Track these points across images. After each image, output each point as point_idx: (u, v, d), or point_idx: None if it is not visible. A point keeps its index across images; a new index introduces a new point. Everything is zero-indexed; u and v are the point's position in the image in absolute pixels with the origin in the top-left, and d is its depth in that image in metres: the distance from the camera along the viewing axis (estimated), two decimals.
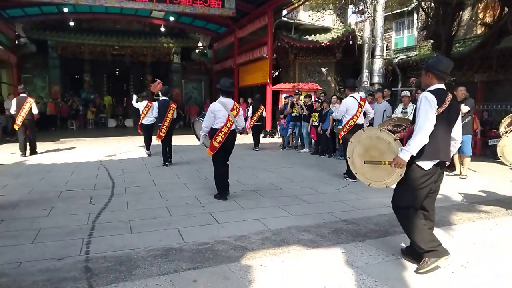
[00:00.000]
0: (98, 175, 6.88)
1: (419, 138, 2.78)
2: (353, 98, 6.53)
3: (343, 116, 6.60)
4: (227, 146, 5.18)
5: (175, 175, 6.91)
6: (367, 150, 3.18)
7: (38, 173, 7.01)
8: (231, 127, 5.10)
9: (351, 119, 6.45)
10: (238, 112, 5.20)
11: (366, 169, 3.20)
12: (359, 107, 6.47)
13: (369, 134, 3.22)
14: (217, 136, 5.04)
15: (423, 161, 2.86)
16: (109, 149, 10.55)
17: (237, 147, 5.82)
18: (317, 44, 15.06)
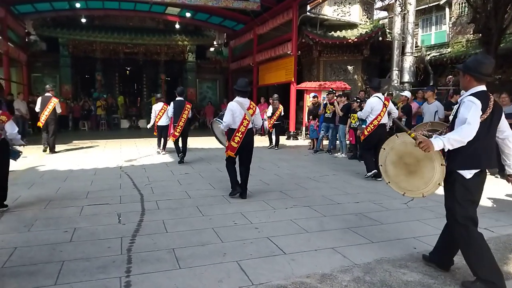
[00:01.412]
0: (122, 184, 6.04)
1: (459, 136, 2.56)
2: (378, 98, 6.50)
3: (367, 116, 6.59)
4: (246, 145, 5.17)
5: (209, 185, 6.06)
6: (401, 157, 3.02)
7: (54, 181, 6.19)
8: (247, 126, 5.12)
9: (375, 119, 6.43)
10: (255, 111, 5.23)
11: (401, 177, 3.03)
12: (384, 107, 6.45)
13: (403, 140, 3.00)
14: (235, 136, 5.08)
15: (464, 170, 2.67)
16: (128, 153, 9.75)
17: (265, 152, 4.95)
18: (344, 40, 14.14)
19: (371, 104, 6.50)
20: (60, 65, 18.89)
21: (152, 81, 22.09)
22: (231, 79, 20.93)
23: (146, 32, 19.84)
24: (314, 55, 14.95)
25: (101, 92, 19.68)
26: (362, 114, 6.78)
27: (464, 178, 2.66)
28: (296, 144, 12.70)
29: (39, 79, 19.51)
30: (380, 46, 14.93)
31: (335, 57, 15.16)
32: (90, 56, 19.70)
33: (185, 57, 21.01)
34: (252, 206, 4.77)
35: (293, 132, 14.03)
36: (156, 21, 20.64)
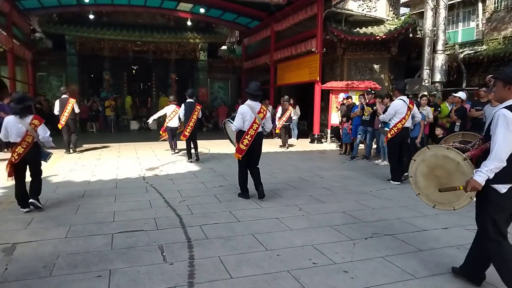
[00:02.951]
0: (151, 201, 5.13)
1: (497, 161, 2.46)
2: (402, 100, 6.42)
3: (390, 119, 6.51)
4: (254, 148, 5.23)
5: (254, 202, 5.14)
6: (432, 169, 3.02)
7: (71, 200, 5.29)
8: (257, 129, 5.17)
9: (399, 122, 6.36)
10: (265, 115, 5.28)
11: (431, 189, 3.02)
12: (408, 110, 6.36)
13: (434, 152, 3.03)
14: (244, 139, 5.13)
15: (498, 184, 2.54)
16: (146, 159, 8.85)
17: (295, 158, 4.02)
18: (371, 37, 13.18)
19: (396, 106, 6.41)
20: (67, 64, 18.02)
21: (161, 80, 21.20)
22: (245, 79, 20.02)
23: (156, 30, 18.97)
24: (338, 52, 14.00)
25: (109, 92, 18.79)
26: (385, 117, 6.66)
27: (498, 192, 2.55)
28: (322, 148, 11.77)
29: (44, 78, 18.66)
30: (408, 44, 13.98)
31: (360, 55, 14.21)
32: (97, 54, 18.83)
33: (196, 55, 20.12)
34: (322, 236, 3.86)
35: (318, 135, 13.11)
36: (167, 18, 19.76)
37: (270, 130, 5.65)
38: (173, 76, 20.39)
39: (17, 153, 4.41)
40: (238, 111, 5.22)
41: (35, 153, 4.58)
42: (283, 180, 6.61)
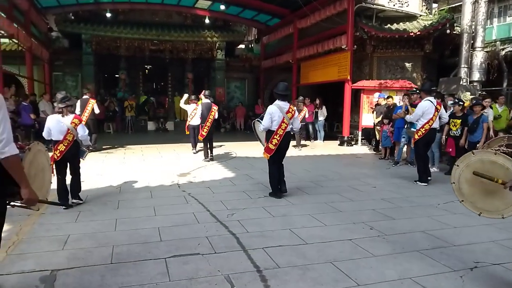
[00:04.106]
0: (196, 215, 4.53)
1: None
2: (430, 101, 6.35)
3: (418, 120, 6.46)
4: (283, 147, 5.34)
5: (316, 220, 4.50)
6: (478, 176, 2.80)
7: (105, 211, 4.74)
8: (286, 129, 5.25)
9: (427, 123, 6.31)
10: (293, 115, 5.35)
11: (476, 197, 2.91)
12: (436, 111, 6.31)
13: (480, 157, 2.86)
14: (273, 139, 5.22)
15: None
16: (174, 163, 8.29)
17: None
18: (405, 33, 12.46)
19: (423, 107, 6.34)
20: (83, 63, 17.57)
21: (177, 80, 20.65)
22: (263, 78, 19.44)
23: (173, 28, 18.43)
24: (368, 50, 13.29)
25: (125, 92, 18.31)
26: (412, 118, 6.63)
27: None
28: (352, 151, 11.07)
29: (60, 78, 18.25)
30: (442, 40, 13.22)
31: (391, 52, 13.49)
32: (113, 53, 18.36)
33: (213, 54, 19.54)
34: (416, 265, 3.22)
35: (347, 137, 12.42)
36: (184, 16, 19.20)
37: (298, 130, 5.77)
38: (189, 76, 19.83)
39: (59, 151, 4.64)
40: (267, 111, 5.31)
41: (75, 151, 4.82)
42: (333, 190, 5.97)
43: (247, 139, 13.65)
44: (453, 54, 14.00)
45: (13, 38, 11.24)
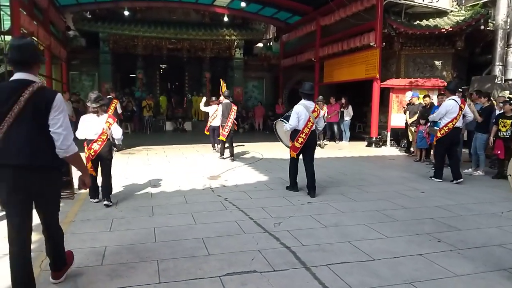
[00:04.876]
0: (240, 224, 4.13)
1: None
2: (454, 100, 6.37)
3: (441, 118, 6.46)
4: (308, 146, 5.40)
5: (376, 232, 4.05)
6: None
7: (141, 219, 4.36)
8: (311, 128, 5.33)
9: (450, 122, 6.33)
10: (319, 114, 5.47)
11: None
12: (460, 110, 6.31)
13: None
14: (299, 137, 5.29)
15: None
16: (201, 165, 7.92)
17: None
18: (435, 30, 11.90)
19: (447, 106, 6.35)
20: (100, 62, 17.37)
21: (195, 79, 20.33)
22: (282, 77, 18.98)
23: (191, 26, 18.09)
24: (395, 48, 12.75)
25: (143, 91, 18.06)
26: (436, 116, 6.62)
27: None
28: (382, 152, 10.56)
29: (77, 77, 18.08)
30: (474, 37, 12.61)
31: (420, 50, 12.94)
32: (130, 52, 18.14)
33: (231, 53, 19.17)
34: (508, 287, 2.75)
35: (376, 138, 11.91)
36: (201, 14, 18.89)
37: (322, 128, 5.82)
38: (207, 75, 19.49)
39: (93, 150, 4.61)
40: (294, 111, 5.34)
41: (108, 150, 4.75)
42: (380, 195, 5.51)
43: (267, 140, 13.28)
44: (484, 52, 13.41)
45: (33, 36, 11.00)
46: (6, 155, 2.25)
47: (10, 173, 2.26)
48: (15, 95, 2.24)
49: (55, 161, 2.39)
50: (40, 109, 2.28)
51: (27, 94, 2.25)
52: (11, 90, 2.28)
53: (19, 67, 2.34)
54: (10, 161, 2.25)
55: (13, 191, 2.28)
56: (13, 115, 2.23)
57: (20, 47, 2.34)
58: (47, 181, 2.40)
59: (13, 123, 2.24)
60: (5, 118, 2.23)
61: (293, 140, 5.37)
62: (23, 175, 2.28)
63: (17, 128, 2.25)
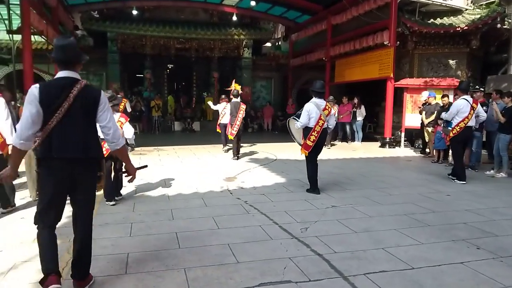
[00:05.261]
0: (265, 229, 3.94)
1: None
2: (465, 100, 6.43)
3: (453, 118, 6.50)
4: (320, 144, 5.45)
5: (406, 236, 3.86)
6: None
7: (162, 224, 4.20)
8: (323, 126, 5.37)
9: (462, 121, 6.37)
10: (330, 112, 5.48)
11: None
12: (471, 109, 6.36)
13: None
14: (311, 136, 5.34)
15: None
16: (214, 166, 7.75)
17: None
18: (450, 29, 11.66)
19: (458, 106, 6.41)
20: (108, 62, 17.25)
21: (202, 79, 20.18)
22: (291, 77, 18.79)
23: (200, 26, 17.94)
24: (409, 47, 12.53)
25: (151, 91, 17.94)
26: (447, 116, 6.66)
27: None
28: (396, 153, 10.34)
29: (84, 77, 17.81)
30: (489, 36, 12.35)
31: (434, 49, 12.70)
32: (138, 52, 18.02)
33: (239, 53, 18.99)
34: None
35: (389, 138, 11.69)
36: (210, 13, 18.72)
37: (333, 126, 5.86)
38: (215, 75, 19.34)
39: (105, 148, 4.24)
40: (304, 108, 5.40)
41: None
42: (405, 198, 5.32)
43: (277, 140, 13.11)
44: (499, 50, 13.13)
45: (43, 34, 10.90)
46: (59, 149, 2.37)
47: (63, 166, 2.40)
48: (65, 92, 2.38)
49: (100, 152, 2.63)
50: (89, 105, 2.45)
51: (75, 91, 2.39)
52: (61, 87, 2.40)
53: (64, 66, 2.46)
54: (65, 154, 2.38)
55: (60, 183, 2.42)
56: (63, 111, 2.35)
57: (65, 47, 2.45)
58: (92, 173, 2.57)
59: (62, 118, 2.36)
60: (55, 114, 2.35)
61: (305, 138, 5.40)
62: (75, 167, 2.43)
63: (68, 123, 2.38)
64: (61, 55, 2.44)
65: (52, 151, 2.36)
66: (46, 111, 2.35)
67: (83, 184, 2.50)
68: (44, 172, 2.43)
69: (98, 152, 2.59)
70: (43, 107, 2.34)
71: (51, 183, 2.40)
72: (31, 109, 2.33)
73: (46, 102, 2.35)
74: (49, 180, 2.41)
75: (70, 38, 2.54)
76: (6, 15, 11.81)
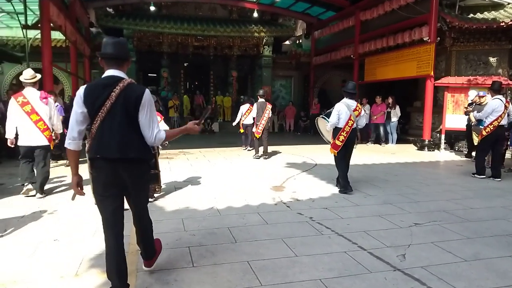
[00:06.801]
0: (354, 256, 3.24)
1: None
2: (499, 99, 6.60)
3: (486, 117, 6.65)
4: (349, 143, 5.47)
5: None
6: None
7: (223, 248, 3.48)
8: (352, 126, 5.38)
9: (496, 120, 6.52)
10: (360, 113, 5.50)
11: None
12: (505, 109, 6.53)
13: None
14: (340, 135, 5.37)
15: None
16: (252, 171, 7.08)
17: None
18: (493, 24, 10.86)
19: (493, 106, 6.59)
20: None
21: (220, 78, 19.56)
22: (313, 76, 18.07)
23: (218, 23, 17.26)
24: (446, 43, 11.75)
25: (168, 91, 17.32)
26: (482, 115, 6.84)
27: None
28: (441, 158, 9.57)
29: (99, 76, 17.25)
30: None
31: (473, 46, 11.90)
32: (155, 50, 17.42)
33: (259, 51, 18.32)
34: None
35: (428, 141, 10.92)
36: (229, 10, 18.06)
37: (363, 127, 5.88)
38: (234, 74, 18.71)
39: None
40: (334, 108, 5.42)
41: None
42: (493, 213, 4.60)
43: (303, 142, 12.47)
44: None
45: (61, 30, 10.30)
46: (101, 149, 2.34)
47: (107, 165, 2.36)
48: (107, 91, 2.32)
49: (145, 153, 2.49)
50: (131, 104, 2.36)
51: (117, 89, 2.33)
52: (103, 86, 2.35)
53: (111, 64, 2.43)
54: (106, 154, 2.34)
55: (109, 183, 2.38)
56: (105, 110, 2.32)
57: (115, 45, 2.43)
58: (138, 172, 2.47)
59: (105, 117, 2.33)
60: (98, 113, 2.32)
61: (334, 138, 5.43)
62: (118, 167, 2.37)
63: (110, 122, 2.34)
64: (110, 53, 2.41)
65: (96, 151, 2.36)
66: (91, 111, 2.34)
67: (130, 184, 2.44)
68: (94, 173, 2.42)
69: (141, 153, 2.44)
70: (87, 107, 2.34)
71: (100, 184, 2.40)
72: (77, 109, 2.35)
73: (90, 102, 2.33)
74: (98, 181, 2.41)
75: (120, 37, 2.53)
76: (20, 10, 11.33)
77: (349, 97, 5.47)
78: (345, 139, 5.37)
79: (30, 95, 4.92)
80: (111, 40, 2.45)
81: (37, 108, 4.91)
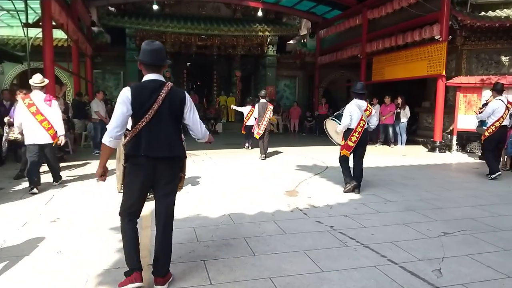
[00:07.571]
0: (385, 271, 2.98)
1: None
2: (500, 100, 6.69)
3: (488, 118, 6.78)
4: (361, 143, 5.43)
5: None
6: None
7: (242, 262, 3.22)
8: (364, 126, 5.39)
9: (497, 121, 6.62)
10: (371, 113, 5.50)
11: None
12: (506, 110, 6.59)
13: None
14: (352, 136, 5.35)
15: None
16: (263, 175, 6.79)
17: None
18: (507, 22, 10.58)
19: (493, 106, 6.67)
20: (126, 60, 16.38)
21: (223, 78, 19.29)
22: (318, 75, 17.80)
23: (222, 22, 16.99)
24: (457, 42, 11.46)
25: None
26: (483, 116, 6.99)
27: None
28: (453, 160, 9.29)
29: (100, 76, 17.13)
30: None
31: (484, 44, 11.61)
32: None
33: (263, 50, 18.06)
34: None
35: (440, 142, 10.64)
36: (233, 8, 17.78)
37: (374, 127, 5.73)
38: (238, 74, 18.43)
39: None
40: (346, 109, 5.39)
41: None
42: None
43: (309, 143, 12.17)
44: None
45: (63, 28, 10.02)
46: (149, 148, 2.48)
47: (149, 163, 2.50)
48: (155, 94, 2.49)
49: (184, 151, 2.73)
50: (175, 106, 2.56)
51: (163, 93, 2.50)
52: (151, 89, 2.50)
53: (151, 69, 2.58)
54: (154, 153, 2.49)
55: (145, 178, 2.53)
56: (152, 112, 2.47)
57: (154, 51, 2.56)
58: (174, 170, 2.66)
59: (151, 119, 2.48)
60: (145, 115, 2.46)
61: (346, 139, 5.39)
62: (159, 164, 2.52)
63: (156, 123, 2.49)
64: (150, 58, 2.55)
65: (140, 149, 2.47)
66: (137, 112, 2.47)
67: (165, 179, 2.59)
68: (131, 168, 2.55)
69: (181, 151, 2.66)
70: (134, 108, 2.46)
71: (137, 179, 2.53)
72: (123, 109, 2.45)
73: (138, 104, 2.46)
74: (135, 175, 2.54)
75: (157, 42, 2.64)
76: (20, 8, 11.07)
77: (359, 97, 5.46)
78: (357, 139, 5.35)
79: (36, 98, 5.40)
80: (150, 47, 2.55)
81: (41, 109, 5.34)
